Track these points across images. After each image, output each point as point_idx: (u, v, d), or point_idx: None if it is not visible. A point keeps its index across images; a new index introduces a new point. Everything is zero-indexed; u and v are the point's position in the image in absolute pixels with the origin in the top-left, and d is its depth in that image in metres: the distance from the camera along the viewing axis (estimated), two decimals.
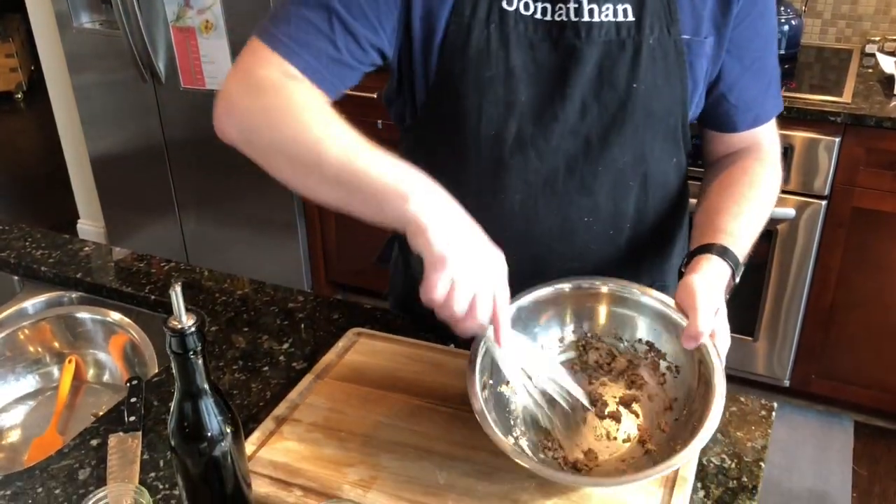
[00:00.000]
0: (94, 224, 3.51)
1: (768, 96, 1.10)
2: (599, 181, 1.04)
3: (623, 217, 1.08)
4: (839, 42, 2.65)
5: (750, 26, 1.02)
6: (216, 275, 1.35)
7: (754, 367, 2.49)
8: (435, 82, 1.01)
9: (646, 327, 0.98)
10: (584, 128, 1.01)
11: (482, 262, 0.84)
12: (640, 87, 0.99)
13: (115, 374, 1.29)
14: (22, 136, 5.13)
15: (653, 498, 0.86)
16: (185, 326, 0.71)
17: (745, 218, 1.02)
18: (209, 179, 2.98)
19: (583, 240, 1.08)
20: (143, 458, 0.96)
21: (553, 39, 0.98)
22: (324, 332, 1.19)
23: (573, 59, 0.98)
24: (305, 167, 0.89)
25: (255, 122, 0.92)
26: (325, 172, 0.87)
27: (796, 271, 2.32)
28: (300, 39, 0.94)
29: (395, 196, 0.83)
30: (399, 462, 0.92)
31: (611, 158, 1.03)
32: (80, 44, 2.93)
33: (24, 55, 5.42)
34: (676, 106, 1.03)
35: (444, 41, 0.98)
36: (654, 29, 0.98)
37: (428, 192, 0.84)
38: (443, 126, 1.03)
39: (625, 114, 1.00)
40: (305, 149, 0.88)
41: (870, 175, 2.15)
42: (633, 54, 0.98)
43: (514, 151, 1.02)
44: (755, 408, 1.04)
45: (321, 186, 0.89)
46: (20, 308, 1.34)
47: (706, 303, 0.89)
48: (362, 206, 0.86)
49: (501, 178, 1.03)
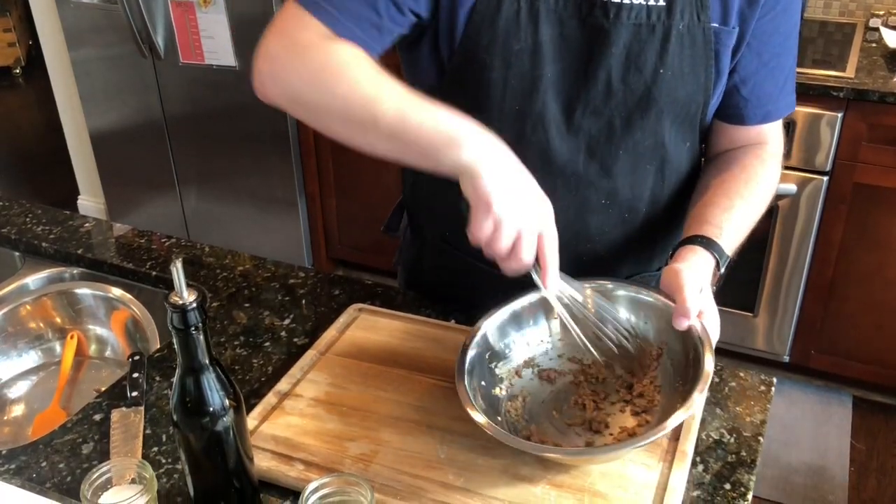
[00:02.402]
0: (94, 200, 3.51)
1: (783, 94, 1.09)
2: (619, 164, 1.04)
3: (639, 201, 1.08)
4: (843, 16, 2.62)
5: (772, 21, 1.01)
6: (217, 251, 1.35)
7: (754, 343, 2.50)
8: (460, 51, 0.99)
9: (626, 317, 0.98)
10: (608, 110, 1.00)
11: (528, 205, 0.86)
12: (667, 73, 0.98)
13: (116, 349, 1.30)
14: (21, 111, 5.12)
15: (652, 472, 0.87)
16: (187, 302, 0.72)
17: (736, 213, 1.01)
18: (209, 155, 2.97)
19: (598, 221, 1.08)
20: (145, 432, 0.97)
21: (581, 17, 0.97)
22: (325, 308, 1.20)
23: (600, 39, 0.97)
24: (360, 125, 0.90)
25: (302, 82, 0.92)
26: (381, 129, 0.88)
27: (797, 247, 2.32)
28: (341, 5, 0.93)
29: (451, 146, 0.86)
30: (400, 436, 0.93)
31: (632, 142, 1.02)
32: (79, 18, 2.91)
33: (22, 30, 5.39)
34: (699, 94, 1.02)
35: (474, 9, 0.96)
36: (684, 15, 0.97)
37: (481, 141, 0.86)
38: (463, 98, 1.02)
39: (649, 99, 0.99)
40: (359, 107, 0.89)
41: (872, 150, 2.14)
42: (662, 39, 0.97)
43: (536, 128, 1.01)
44: (754, 383, 1.04)
45: (377, 142, 0.90)
46: (21, 284, 1.35)
47: (691, 282, 0.90)
48: (419, 158, 0.89)
49: (521, 155, 1.03)
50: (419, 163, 0.90)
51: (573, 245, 1.07)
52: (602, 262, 1.12)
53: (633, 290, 0.97)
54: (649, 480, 0.86)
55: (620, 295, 0.98)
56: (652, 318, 0.95)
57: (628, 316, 0.97)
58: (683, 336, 0.90)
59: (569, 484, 0.86)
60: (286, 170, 2.87)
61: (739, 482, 0.89)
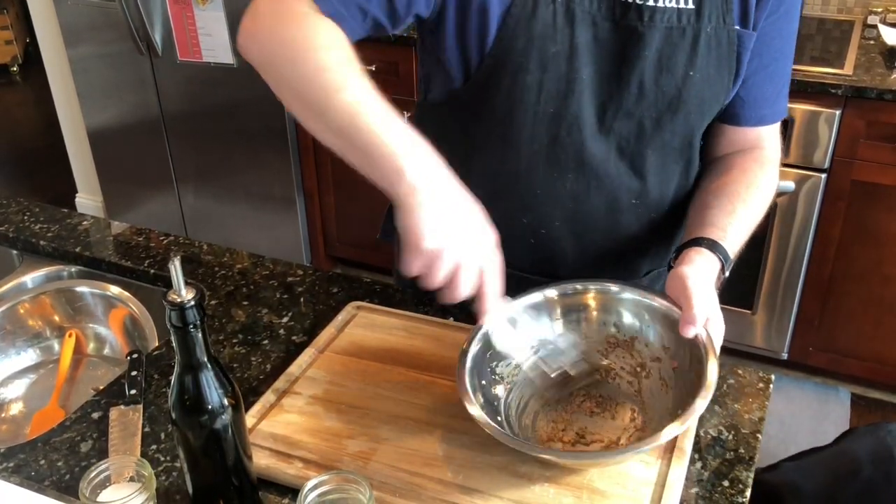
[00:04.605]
0: (92, 198, 3.51)
1: (779, 98, 1.09)
2: (649, 164, 1.05)
3: (666, 199, 1.09)
4: (841, 13, 2.62)
5: (775, 23, 1.01)
6: (215, 248, 1.35)
7: (752, 340, 2.51)
8: (493, 54, 0.98)
9: (631, 320, 0.98)
10: (639, 111, 1.00)
11: (465, 239, 0.83)
12: (696, 75, 0.99)
13: (115, 347, 1.30)
14: (19, 109, 5.11)
15: (651, 469, 0.87)
16: (185, 300, 0.71)
17: (738, 216, 1.02)
18: (207, 153, 2.97)
19: (628, 221, 1.08)
20: (144, 430, 0.97)
21: (615, 19, 0.97)
22: (323, 306, 1.20)
23: (633, 42, 0.97)
24: (312, 110, 0.89)
25: (275, 51, 0.91)
26: (330, 120, 0.86)
27: (795, 244, 2.32)
28: None
29: (391, 168, 0.82)
30: (398, 434, 0.93)
31: (661, 143, 1.03)
32: (76, 15, 2.90)
33: (20, 27, 5.38)
34: (722, 95, 1.03)
35: (508, 13, 0.96)
36: (711, 18, 0.97)
37: (421, 169, 0.82)
38: (493, 102, 1.01)
39: (679, 101, 1.00)
40: (316, 91, 0.87)
41: (870, 148, 2.14)
42: (691, 42, 0.98)
43: (571, 130, 1.01)
44: (753, 380, 1.05)
45: (325, 133, 0.89)
46: (20, 282, 1.34)
47: (698, 289, 0.89)
48: (359, 163, 0.85)
49: (556, 158, 1.03)
50: (361, 168, 0.85)
51: (600, 243, 1.09)
52: (625, 259, 1.13)
53: (639, 293, 0.97)
54: (648, 477, 0.86)
55: (626, 298, 0.98)
56: (656, 323, 0.95)
57: (632, 320, 0.97)
58: (688, 342, 0.90)
59: (567, 481, 0.86)
60: (284, 167, 2.87)
61: (738, 479, 0.89)
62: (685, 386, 0.89)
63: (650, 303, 0.96)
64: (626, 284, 0.99)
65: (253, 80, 0.98)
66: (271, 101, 3.09)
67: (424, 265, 0.82)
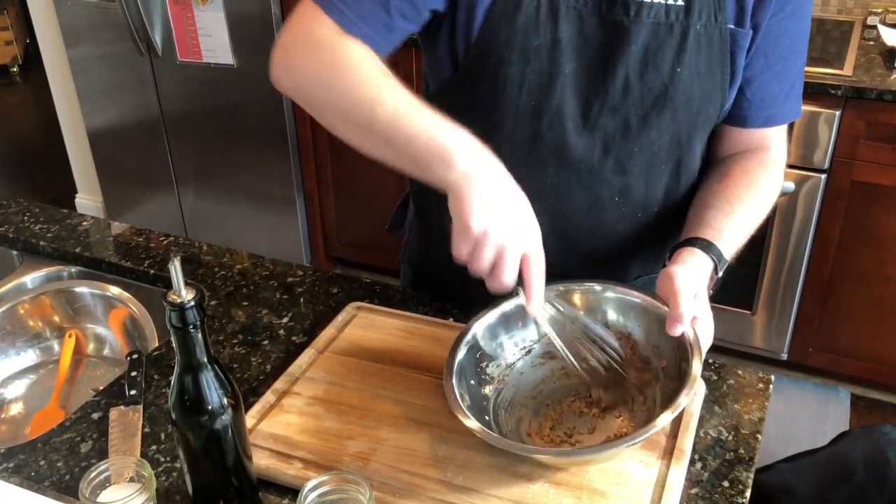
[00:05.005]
0: (92, 199, 3.51)
1: (788, 99, 1.08)
2: (634, 162, 1.04)
3: (653, 199, 1.08)
4: (841, 14, 2.62)
5: (780, 23, 1.01)
6: (215, 249, 1.35)
7: (752, 341, 2.50)
8: (477, 45, 0.99)
9: (618, 320, 0.98)
10: (625, 107, 1.00)
11: (512, 225, 0.85)
12: (684, 72, 0.98)
13: (115, 348, 1.30)
14: (19, 109, 5.11)
15: (651, 469, 0.87)
16: (185, 300, 0.71)
17: (736, 218, 1.01)
18: (207, 154, 2.97)
19: (611, 219, 1.08)
20: (144, 431, 0.97)
21: (601, 14, 0.97)
22: (323, 307, 1.20)
23: (619, 37, 0.97)
24: (357, 125, 0.91)
25: (309, 76, 0.94)
26: (375, 132, 0.89)
27: (795, 245, 2.32)
28: (353, 3, 0.94)
29: (440, 162, 0.85)
30: (398, 434, 0.93)
31: (647, 140, 1.03)
32: (76, 16, 2.90)
33: (20, 28, 5.38)
34: (715, 95, 1.02)
35: (493, 4, 0.97)
36: (702, 15, 0.97)
37: (472, 157, 0.85)
38: (478, 94, 1.02)
39: (666, 97, 0.99)
40: (358, 107, 0.90)
41: (869, 148, 2.14)
42: (679, 39, 0.97)
43: (553, 124, 1.01)
44: (753, 380, 1.05)
45: (371, 144, 0.91)
46: (19, 283, 1.34)
47: (686, 287, 0.89)
48: (409, 166, 0.89)
49: (537, 152, 1.03)
50: (411, 171, 0.89)
51: (585, 242, 1.08)
52: (613, 261, 1.12)
53: (622, 291, 0.97)
54: (647, 478, 0.86)
55: (609, 297, 0.98)
56: (641, 321, 0.96)
57: (617, 317, 0.97)
58: (674, 340, 0.90)
59: (567, 481, 0.86)
60: (284, 168, 2.87)
61: (738, 479, 0.90)
62: (673, 385, 0.89)
63: (634, 301, 0.96)
64: (608, 283, 0.99)
65: (253, 81, 0.99)
66: (271, 102, 3.09)
67: (472, 247, 0.84)
